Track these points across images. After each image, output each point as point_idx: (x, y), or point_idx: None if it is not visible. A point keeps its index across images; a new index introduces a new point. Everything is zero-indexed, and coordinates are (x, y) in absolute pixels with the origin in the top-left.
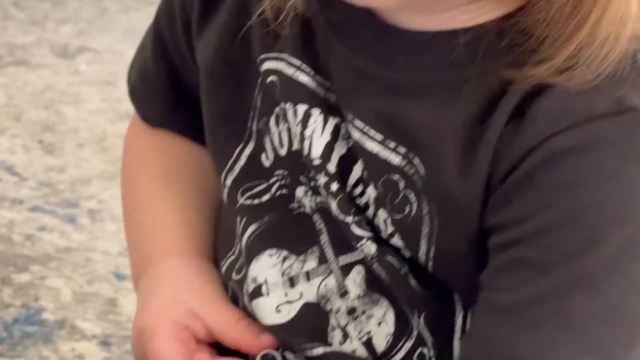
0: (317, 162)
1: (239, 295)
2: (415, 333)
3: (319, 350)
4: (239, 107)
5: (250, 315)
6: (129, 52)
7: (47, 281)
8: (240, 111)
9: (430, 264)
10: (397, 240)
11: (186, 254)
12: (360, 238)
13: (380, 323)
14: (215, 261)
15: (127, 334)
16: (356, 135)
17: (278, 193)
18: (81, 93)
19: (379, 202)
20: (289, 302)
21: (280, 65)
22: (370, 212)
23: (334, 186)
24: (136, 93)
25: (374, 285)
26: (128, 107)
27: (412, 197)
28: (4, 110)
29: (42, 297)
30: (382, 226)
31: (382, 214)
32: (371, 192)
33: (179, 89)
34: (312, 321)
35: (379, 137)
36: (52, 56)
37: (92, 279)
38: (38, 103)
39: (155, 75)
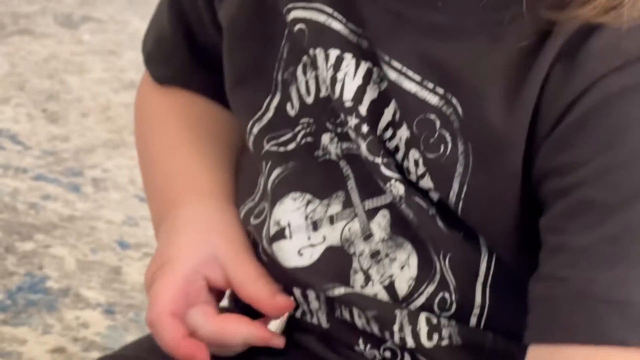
0: (348, 104)
1: (257, 240)
2: (437, 277)
3: (340, 291)
4: (264, 60)
5: (270, 259)
6: (133, 21)
7: (51, 249)
8: (267, 64)
9: (460, 204)
10: (427, 182)
11: (214, 198)
12: (388, 179)
13: (403, 267)
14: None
15: (132, 302)
16: (393, 75)
17: (303, 141)
18: (85, 62)
19: (411, 143)
20: (312, 245)
21: (310, 13)
22: (399, 155)
23: (365, 128)
24: (152, 58)
25: (398, 229)
26: (132, 76)
27: (447, 136)
28: (7, 79)
29: (46, 265)
30: (412, 168)
31: (414, 155)
32: (403, 134)
33: (196, 51)
34: (335, 264)
35: (417, 77)
36: (55, 25)
37: (96, 248)
38: (42, 72)
39: (171, 39)
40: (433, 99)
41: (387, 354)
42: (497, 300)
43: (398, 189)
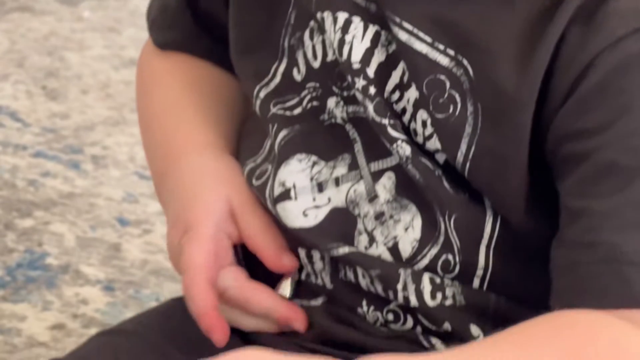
0: (356, 66)
1: (261, 201)
2: (441, 240)
3: (344, 250)
4: (272, 26)
5: (274, 220)
6: None
7: (50, 226)
8: (274, 31)
9: (467, 165)
10: (434, 143)
11: (218, 148)
12: (395, 140)
13: (407, 228)
14: None
15: (131, 279)
16: (404, 37)
17: (309, 106)
18: (85, 39)
19: (420, 104)
20: (317, 206)
21: None
22: (406, 117)
23: (372, 90)
24: (155, 25)
25: (403, 191)
26: (132, 53)
27: (457, 97)
28: (7, 56)
29: (45, 242)
30: (419, 129)
31: (422, 115)
32: (411, 95)
33: (200, 17)
34: (339, 225)
35: (428, 39)
36: (55, 2)
37: (96, 225)
38: (41, 49)
39: (176, 6)
40: (444, 60)
41: (390, 316)
42: (500, 262)
43: (404, 149)
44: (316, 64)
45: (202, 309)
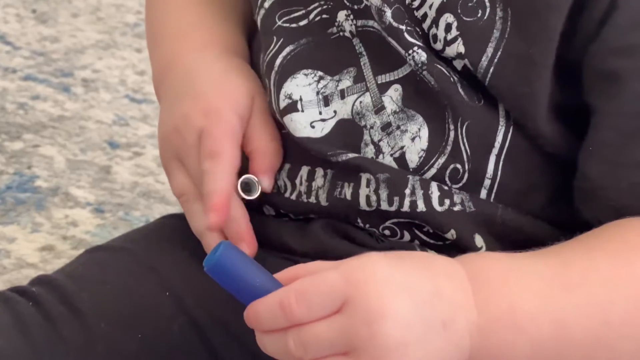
0: None
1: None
2: (449, 149)
3: (353, 155)
4: None
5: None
6: None
7: (40, 149)
8: None
9: (491, 70)
10: (457, 47)
11: (231, 50)
12: (411, 45)
13: (414, 138)
14: None
15: (121, 202)
16: None
17: (317, 18)
18: None
19: (446, 7)
20: (323, 120)
21: None
22: (426, 23)
23: None
24: None
25: (410, 102)
26: None
27: (487, 1)
28: None
29: (35, 164)
30: (441, 34)
31: (447, 19)
32: (435, 0)
33: None
34: (346, 136)
35: None
36: None
37: (86, 147)
38: None
39: None
40: None
41: (387, 232)
42: (508, 172)
43: (420, 55)
44: None
45: (220, 185)
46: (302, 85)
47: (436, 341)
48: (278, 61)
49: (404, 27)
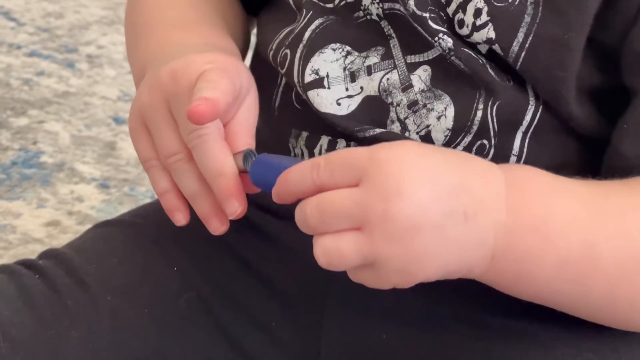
0: None
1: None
2: (474, 129)
3: (379, 130)
4: None
5: (303, 104)
6: None
7: (45, 125)
8: None
9: (523, 54)
10: (486, 32)
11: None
12: (437, 32)
13: (440, 117)
14: None
15: (126, 177)
16: None
17: (342, 3)
18: None
19: None
20: (350, 96)
21: None
22: (451, 8)
23: None
24: None
25: (438, 83)
26: None
27: None
28: None
29: (40, 140)
30: (469, 19)
31: (477, 4)
32: None
33: None
34: (372, 113)
35: None
36: None
37: (91, 123)
38: None
39: None
40: None
41: None
42: (534, 150)
43: (447, 41)
44: None
45: (236, 182)
46: (329, 61)
47: (454, 232)
48: (307, 34)
49: (427, 15)
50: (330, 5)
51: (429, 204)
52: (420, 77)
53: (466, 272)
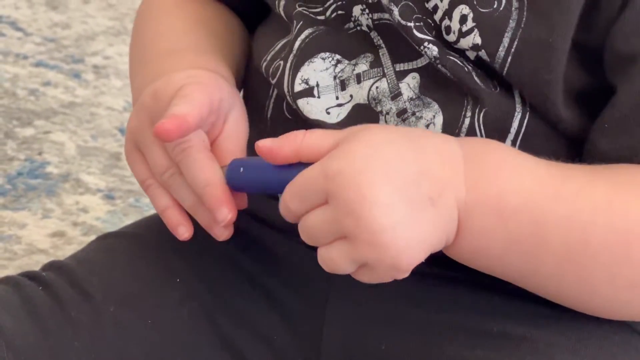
0: None
1: (281, 95)
2: (462, 137)
3: None
4: None
5: (294, 113)
6: None
7: (51, 135)
8: None
9: (509, 60)
10: (472, 39)
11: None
12: (422, 40)
13: (429, 125)
14: None
15: (131, 188)
16: None
17: (333, 15)
18: None
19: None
20: (340, 105)
21: None
22: (438, 15)
23: None
24: None
25: (427, 91)
26: None
27: None
28: None
29: (46, 150)
30: (455, 25)
31: (463, 10)
32: None
33: None
34: (362, 122)
35: None
36: None
37: (97, 134)
38: None
39: None
40: None
41: None
42: None
43: (432, 50)
44: None
45: (224, 190)
46: (319, 70)
47: (425, 217)
48: (297, 44)
49: (412, 24)
50: (321, 18)
51: (392, 201)
52: (409, 85)
53: (445, 243)
